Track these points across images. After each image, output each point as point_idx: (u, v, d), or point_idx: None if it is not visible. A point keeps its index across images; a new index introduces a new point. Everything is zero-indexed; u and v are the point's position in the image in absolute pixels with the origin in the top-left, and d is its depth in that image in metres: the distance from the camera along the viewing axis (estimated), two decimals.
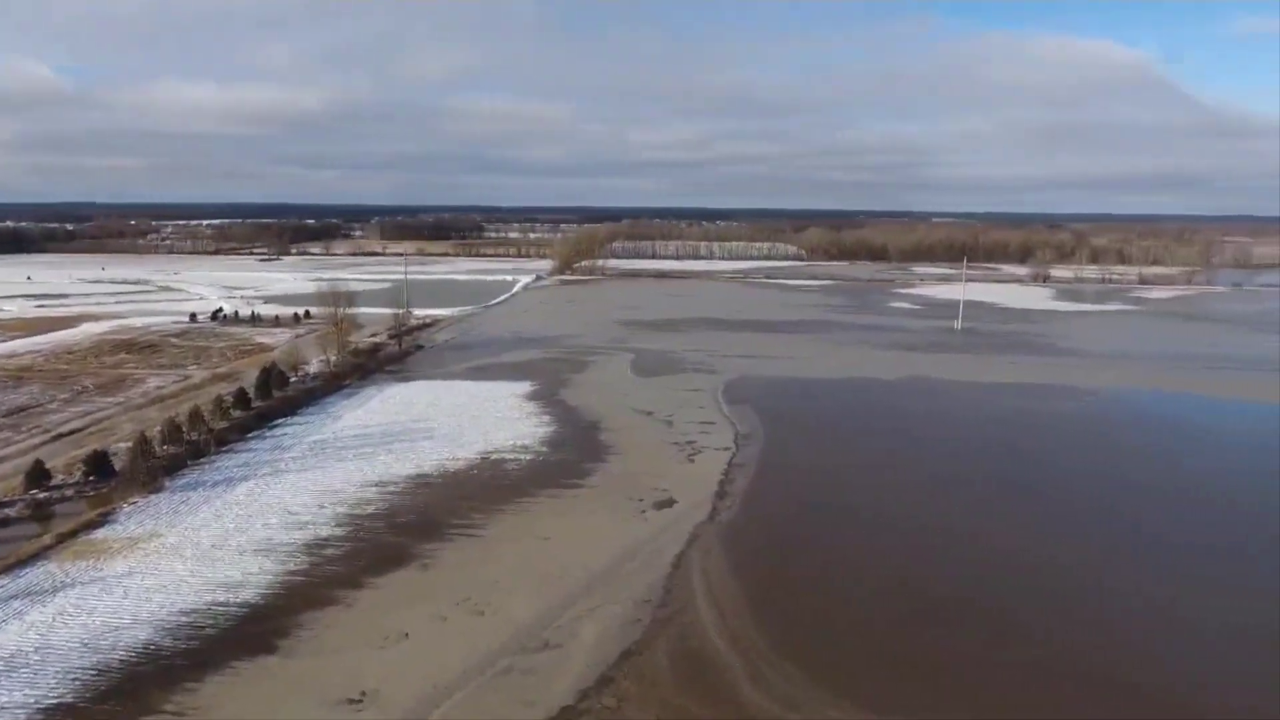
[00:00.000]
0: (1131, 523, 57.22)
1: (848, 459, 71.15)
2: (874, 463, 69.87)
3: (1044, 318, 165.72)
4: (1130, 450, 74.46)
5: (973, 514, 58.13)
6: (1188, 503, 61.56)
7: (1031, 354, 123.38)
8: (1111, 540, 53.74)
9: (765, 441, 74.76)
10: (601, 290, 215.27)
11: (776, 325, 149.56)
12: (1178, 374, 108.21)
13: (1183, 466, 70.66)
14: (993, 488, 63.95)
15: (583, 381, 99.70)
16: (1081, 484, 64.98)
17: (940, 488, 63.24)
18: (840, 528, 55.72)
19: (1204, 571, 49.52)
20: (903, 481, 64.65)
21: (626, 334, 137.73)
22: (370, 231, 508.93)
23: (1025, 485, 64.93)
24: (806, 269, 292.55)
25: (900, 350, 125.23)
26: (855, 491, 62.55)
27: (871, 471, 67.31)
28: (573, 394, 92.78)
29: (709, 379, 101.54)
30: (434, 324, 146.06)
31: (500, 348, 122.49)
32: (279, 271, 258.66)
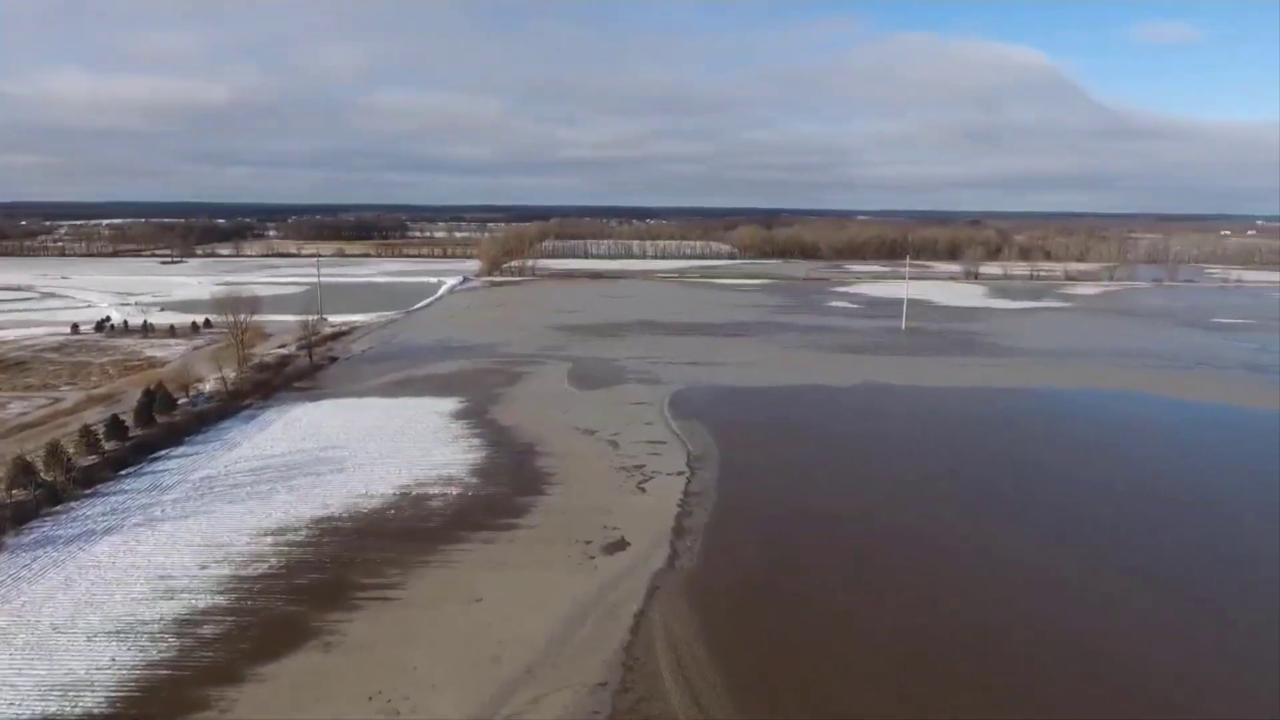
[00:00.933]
0: (1144, 532, 51.99)
1: (812, 482, 64.43)
2: (840, 484, 63.32)
3: (984, 316, 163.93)
4: (1116, 458, 69.85)
5: (960, 541, 51.92)
6: (1165, 504, 56.90)
7: (979, 354, 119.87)
8: (1133, 560, 48.25)
9: (721, 463, 67.53)
10: (533, 292, 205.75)
11: (719, 328, 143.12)
12: (1125, 373, 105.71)
13: (1152, 468, 66.37)
14: (973, 506, 57.99)
15: (516, 396, 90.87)
16: (1076, 497, 59.68)
17: (919, 510, 56.93)
18: (817, 569, 48.64)
19: (1207, 581, 44.37)
20: (873, 507, 58.15)
21: (562, 340, 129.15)
22: (286, 231, 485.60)
23: (1009, 502, 59.26)
24: (741, 267, 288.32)
25: (848, 353, 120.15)
26: (827, 522, 55.68)
27: (839, 495, 60.66)
28: (505, 411, 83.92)
29: (654, 390, 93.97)
30: (350, 332, 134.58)
31: (424, 358, 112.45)
32: (182, 275, 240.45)
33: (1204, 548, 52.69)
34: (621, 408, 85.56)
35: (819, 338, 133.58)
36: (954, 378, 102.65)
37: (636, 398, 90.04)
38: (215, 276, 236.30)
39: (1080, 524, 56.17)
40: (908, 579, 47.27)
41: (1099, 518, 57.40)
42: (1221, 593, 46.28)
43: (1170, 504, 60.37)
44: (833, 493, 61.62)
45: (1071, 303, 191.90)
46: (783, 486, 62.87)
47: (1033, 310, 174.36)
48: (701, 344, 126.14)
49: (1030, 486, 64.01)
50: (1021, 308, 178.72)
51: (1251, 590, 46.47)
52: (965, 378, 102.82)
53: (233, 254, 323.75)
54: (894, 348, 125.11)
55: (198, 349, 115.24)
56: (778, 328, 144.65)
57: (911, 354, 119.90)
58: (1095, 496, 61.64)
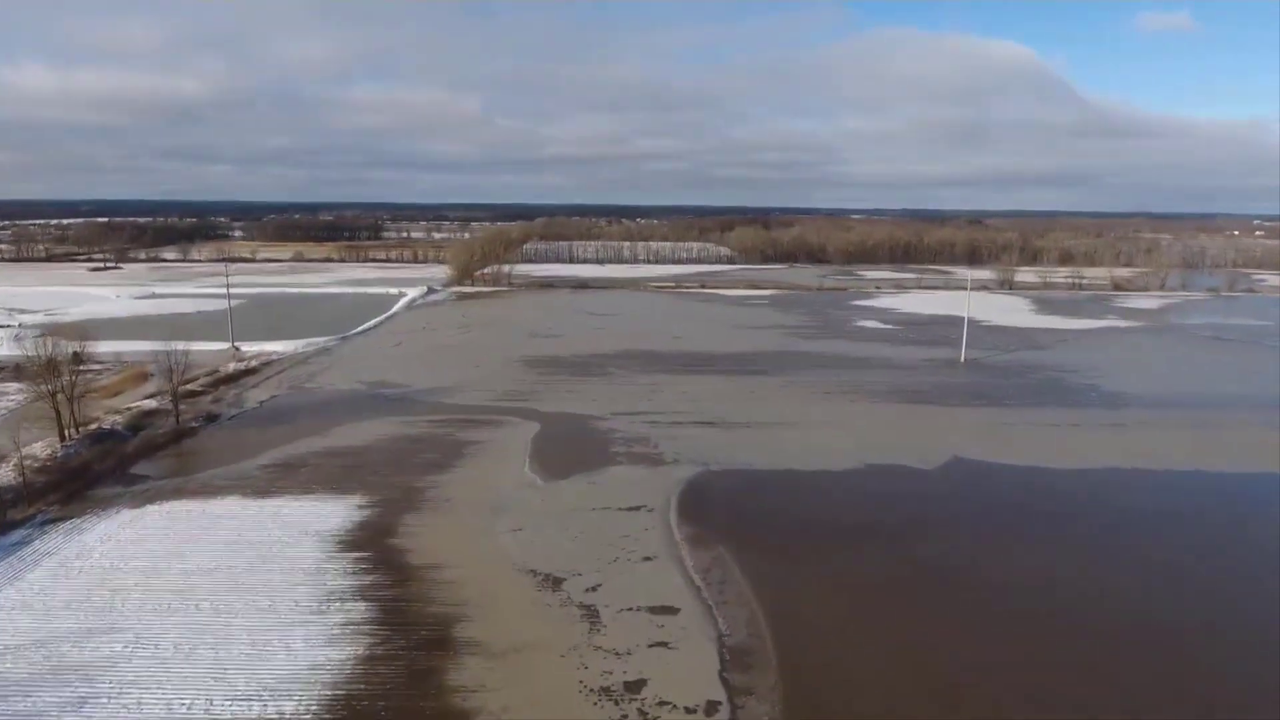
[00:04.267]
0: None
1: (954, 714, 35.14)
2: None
3: (1049, 340, 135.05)
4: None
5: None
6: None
7: (1082, 403, 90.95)
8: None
9: (782, 670, 38.13)
10: (507, 307, 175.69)
11: (731, 361, 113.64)
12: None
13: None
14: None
15: (451, 494, 61.13)
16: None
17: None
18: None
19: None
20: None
21: (531, 382, 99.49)
22: (254, 232, 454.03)
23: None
24: (743, 274, 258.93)
25: (907, 402, 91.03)
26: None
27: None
28: (425, 530, 54.24)
29: (653, 478, 64.53)
30: (257, 370, 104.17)
31: (337, 416, 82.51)
32: (105, 285, 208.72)
33: None
34: (606, 520, 56.03)
35: (861, 376, 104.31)
36: (1074, 450, 73.53)
37: (628, 496, 60.50)
38: (143, 287, 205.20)
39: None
40: None
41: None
42: None
43: None
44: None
45: (1137, 320, 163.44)
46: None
47: (1102, 332, 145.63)
48: (712, 387, 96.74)
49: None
50: (1086, 328, 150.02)
51: None
52: (1088, 449, 73.74)
53: (179, 258, 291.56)
54: (964, 393, 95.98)
55: (30, 403, 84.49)
56: (804, 360, 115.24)
57: (992, 403, 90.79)
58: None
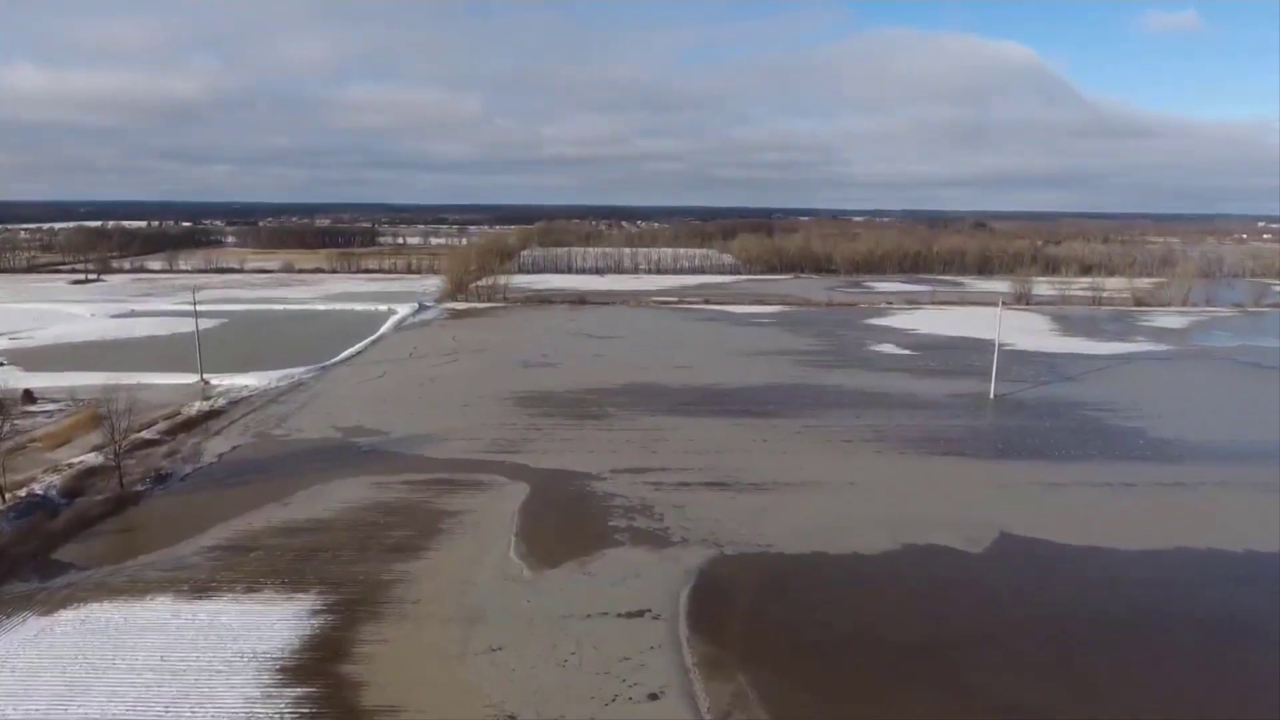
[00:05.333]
0: None
1: None
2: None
3: (1080, 369, 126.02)
4: None
5: None
6: None
7: (1130, 454, 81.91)
8: None
9: None
10: (500, 328, 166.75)
11: (741, 398, 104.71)
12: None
13: None
14: None
15: (420, 591, 52.11)
16: None
17: None
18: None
19: None
20: None
21: (523, 427, 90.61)
22: (247, 238, 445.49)
23: None
24: (747, 286, 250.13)
25: (938, 454, 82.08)
26: None
27: None
28: (385, 652, 45.23)
29: (658, 567, 55.61)
30: (224, 412, 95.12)
31: (302, 474, 73.54)
32: (82, 301, 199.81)
33: None
34: (604, 632, 47.06)
35: (883, 418, 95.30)
36: (1134, 521, 64.53)
37: (630, 594, 51.56)
38: (121, 304, 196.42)
39: None
40: None
41: None
42: None
43: None
44: None
45: (1166, 342, 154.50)
46: None
47: (1133, 359, 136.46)
48: (721, 434, 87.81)
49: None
50: (1116, 353, 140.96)
51: None
52: (1150, 520, 64.76)
53: (165, 268, 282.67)
54: (999, 441, 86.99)
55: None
56: (820, 397, 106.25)
57: (1031, 455, 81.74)
58: None
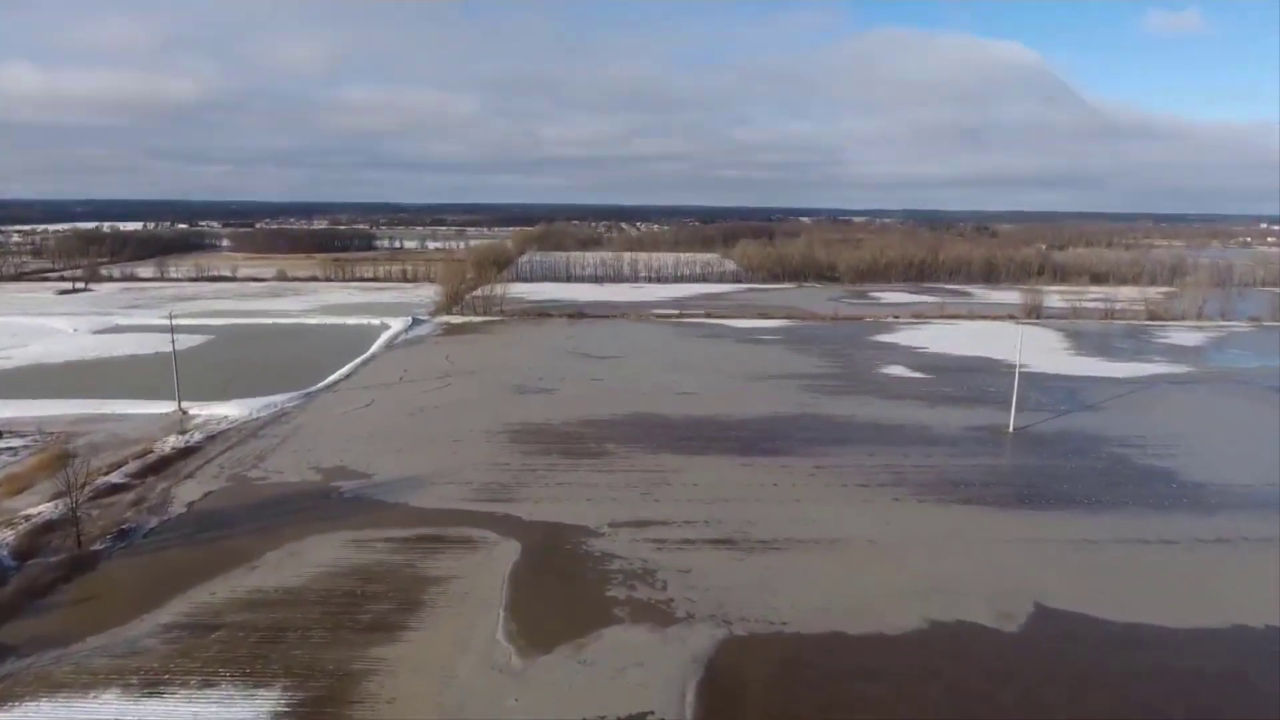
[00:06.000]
0: None
1: None
2: None
3: (1097, 394, 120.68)
4: None
5: None
6: None
7: (1163, 506, 76.51)
8: None
9: None
10: (496, 346, 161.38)
11: (746, 432, 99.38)
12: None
13: None
14: None
15: (393, 690, 46.76)
16: None
17: None
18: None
19: None
20: None
21: (516, 468, 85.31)
22: (243, 241, 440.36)
23: None
24: (749, 297, 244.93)
25: (958, 502, 76.73)
26: None
27: None
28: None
29: (661, 654, 50.29)
30: (197, 450, 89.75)
31: (275, 529, 68.14)
32: (65, 314, 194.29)
33: None
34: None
35: (898, 456, 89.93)
36: (1179, 589, 59.15)
37: (630, 691, 46.23)
38: (106, 317, 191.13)
39: None
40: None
41: None
42: None
43: None
44: None
45: (1185, 362, 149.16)
46: None
47: (1153, 385, 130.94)
48: (728, 477, 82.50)
49: None
50: (1134, 376, 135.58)
51: None
52: (1197, 588, 59.38)
53: (155, 276, 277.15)
54: (1023, 486, 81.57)
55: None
56: (830, 430, 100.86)
57: (1060, 504, 76.34)
58: None
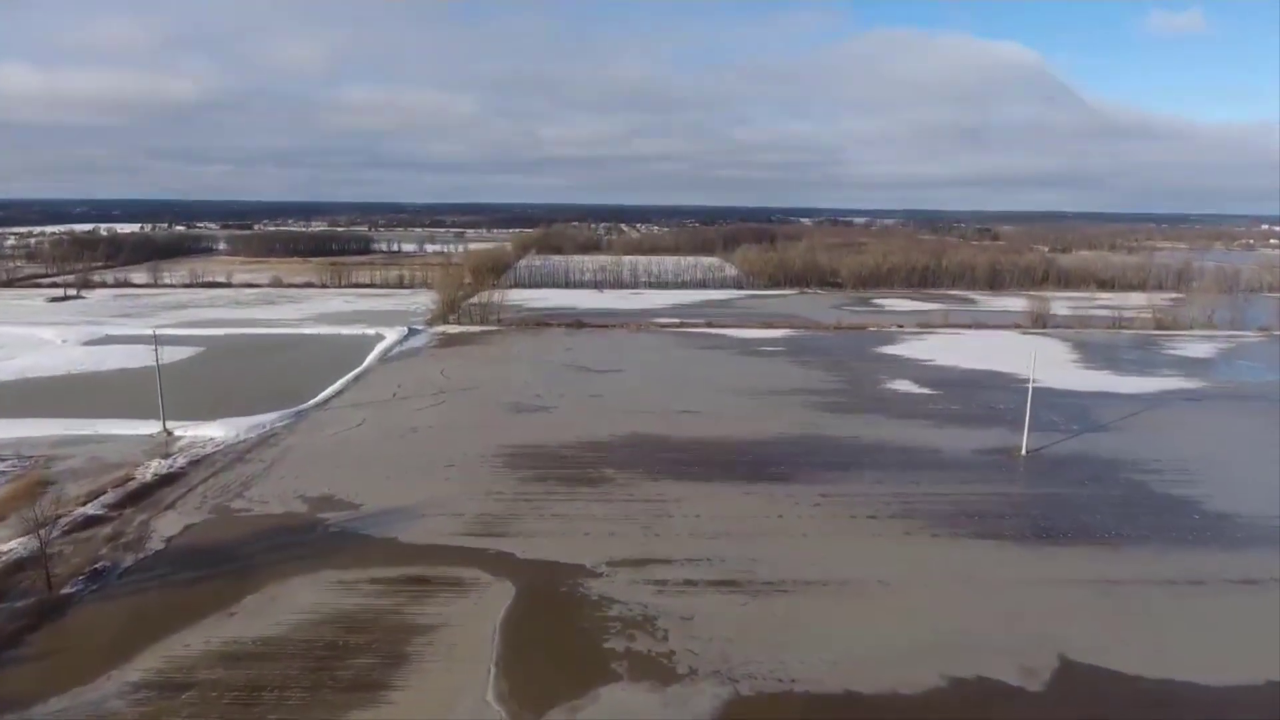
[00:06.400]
0: None
1: None
2: None
3: (1110, 412, 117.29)
4: None
5: None
6: None
7: (1187, 540, 73.19)
8: None
9: None
10: (493, 359, 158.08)
11: (749, 455, 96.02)
12: None
13: None
14: None
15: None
16: None
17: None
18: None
19: None
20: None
21: (511, 496, 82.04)
22: (239, 245, 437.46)
23: None
24: (752, 304, 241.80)
25: (972, 536, 73.46)
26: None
27: None
28: None
29: (660, 713, 47.09)
30: (180, 476, 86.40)
31: (256, 569, 64.79)
32: (55, 323, 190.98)
33: None
34: None
35: (908, 484, 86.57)
36: (1212, 640, 55.81)
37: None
38: (97, 326, 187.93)
39: None
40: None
41: None
42: None
43: None
44: None
45: (1198, 376, 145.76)
46: None
47: (1166, 401, 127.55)
48: (731, 508, 79.23)
49: None
50: (1146, 392, 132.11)
51: None
52: (1229, 640, 55.99)
53: (149, 282, 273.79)
54: (1039, 516, 78.21)
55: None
56: (836, 454, 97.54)
57: (1079, 538, 72.94)
58: None
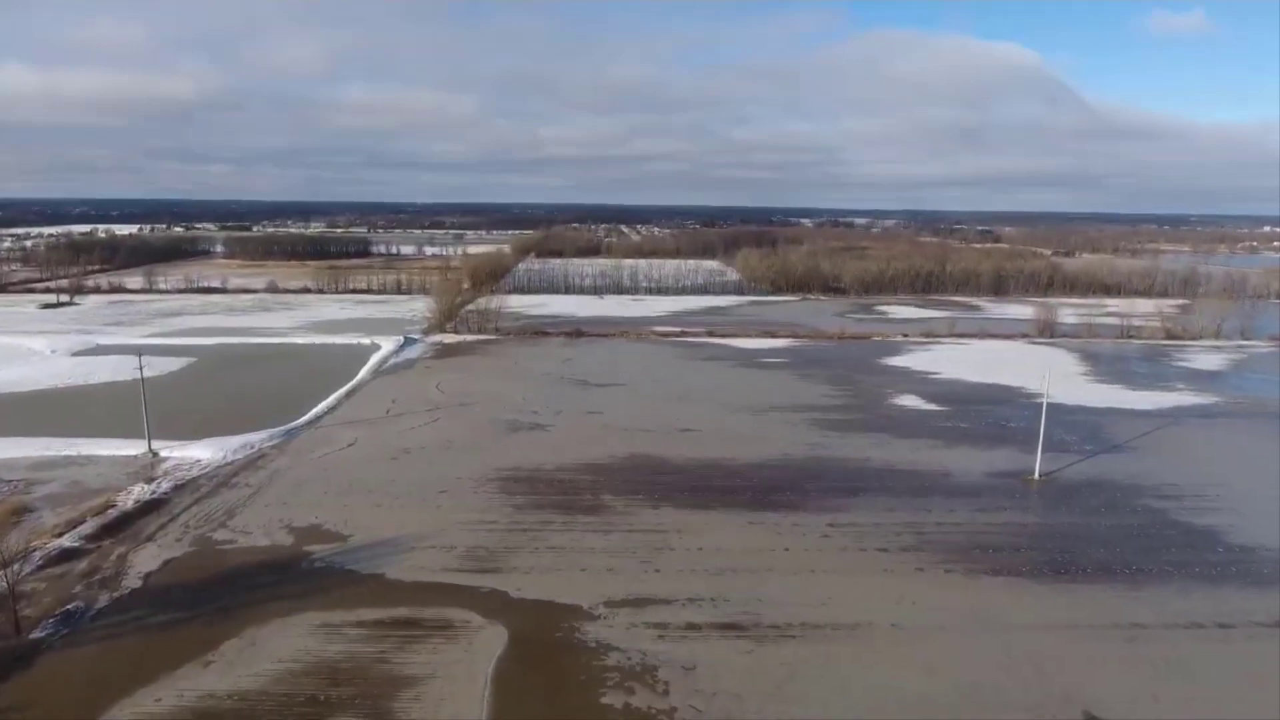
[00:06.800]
0: None
1: None
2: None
3: (1123, 430, 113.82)
4: None
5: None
6: None
7: (1211, 577, 69.74)
8: None
9: None
10: (489, 371, 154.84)
11: (753, 479, 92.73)
12: None
13: None
14: None
15: None
16: None
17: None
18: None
19: None
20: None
21: (504, 526, 78.76)
22: (236, 248, 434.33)
23: None
24: (754, 311, 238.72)
25: (986, 572, 70.09)
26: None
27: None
28: None
29: None
30: (163, 504, 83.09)
31: (236, 610, 61.49)
32: (47, 332, 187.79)
33: None
34: None
35: (919, 511, 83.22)
36: (1246, 698, 52.42)
37: None
38: (88, 335, 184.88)
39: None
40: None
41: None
42: None
43: None
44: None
45: (1210, 391, 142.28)
46: None
47: (1180, 417, 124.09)
48: (735, 540, 75.91)
49: None
50: (1159, 409, 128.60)
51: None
52: (1263, 697, 52.78)
53: (143, 288, 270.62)
54: (1055, 548, 74.79)
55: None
56: (845, 475, 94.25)
57: (1099, 575, 69.54)
58: None
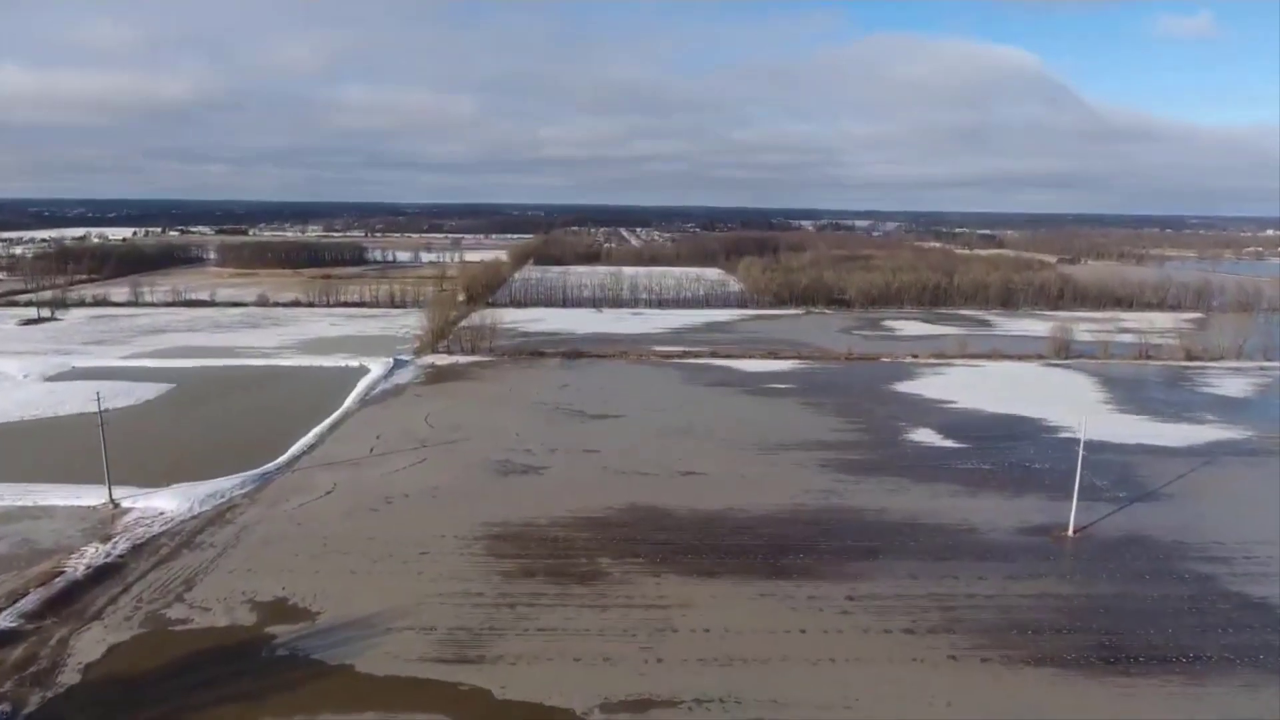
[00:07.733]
0: None
1: None
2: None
3: (1157, 473, 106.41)
4: None
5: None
6: None
7: (1273, 664, 62.81)
8: None
9: None
10: (482, 399, 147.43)
11: (763, 539, 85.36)
12: None
13: None
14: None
15: None
16: None
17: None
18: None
19: None
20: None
21: (490, 600, 71.40)
22: (228, 255, 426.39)
23: None
24: (757, 326, 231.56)
25: (1027, 663, 62.73)
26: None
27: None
28: None
29: None
30: (117, 570, 75.58)
31: (184, 712, 54.32)
32: (19, 354, 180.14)
33: None
34: None
35: (946, 580, 75.93)
36: None
37: None
38: (68, 354, 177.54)
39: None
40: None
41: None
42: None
43: None
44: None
45: (1242, 423, 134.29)
46: None
47: (1212, 453, 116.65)
48: (745, 618, 68.62)
49: None
50: (1192, 444, 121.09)
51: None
52: None
53: (129, 300, 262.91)
54: (1101, 628, 67.42)
55: None
56: (863, 531, 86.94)
57: (1154, 663, 62.20)
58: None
